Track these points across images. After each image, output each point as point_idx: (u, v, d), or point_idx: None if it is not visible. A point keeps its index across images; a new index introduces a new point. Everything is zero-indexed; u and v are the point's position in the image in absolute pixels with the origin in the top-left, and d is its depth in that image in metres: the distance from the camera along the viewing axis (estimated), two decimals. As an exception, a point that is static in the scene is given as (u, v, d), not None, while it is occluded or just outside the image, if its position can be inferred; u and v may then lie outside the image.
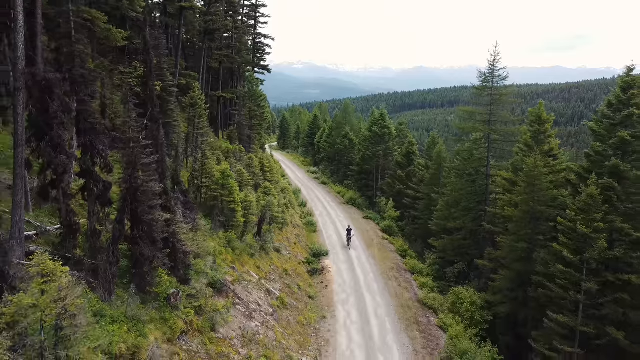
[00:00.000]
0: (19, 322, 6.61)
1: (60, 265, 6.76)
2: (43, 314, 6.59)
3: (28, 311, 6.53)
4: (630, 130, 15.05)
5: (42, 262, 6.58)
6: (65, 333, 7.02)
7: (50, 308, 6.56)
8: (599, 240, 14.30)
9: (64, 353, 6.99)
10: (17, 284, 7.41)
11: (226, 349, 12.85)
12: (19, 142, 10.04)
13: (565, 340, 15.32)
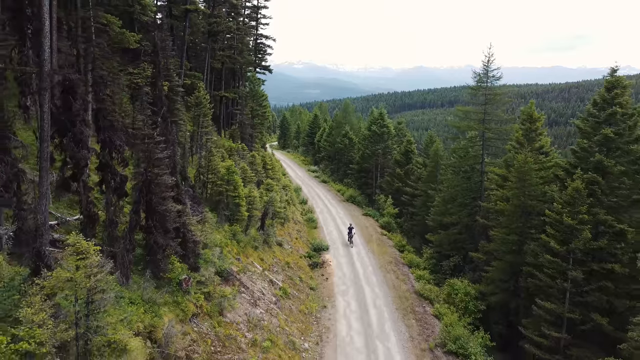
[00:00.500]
0: (56, 293, 7.51)
1: (92, 244, 7.65)
2: (78, 287, 7.48)
3: (65, 284, 7.42)
4: (613, 128, 15.94)
5: (77, 241, 7.47)
6: (95, 306, 7.91)
7: (85, 282, 7.44)
8: (583, 231, 15.18)
9: (95, 323, 7.89)
10: (51, 263, 8.29)
11: (233, 332, 13.74)
12: (45, 138, 10.91)
13: (552, 327, 16.19)
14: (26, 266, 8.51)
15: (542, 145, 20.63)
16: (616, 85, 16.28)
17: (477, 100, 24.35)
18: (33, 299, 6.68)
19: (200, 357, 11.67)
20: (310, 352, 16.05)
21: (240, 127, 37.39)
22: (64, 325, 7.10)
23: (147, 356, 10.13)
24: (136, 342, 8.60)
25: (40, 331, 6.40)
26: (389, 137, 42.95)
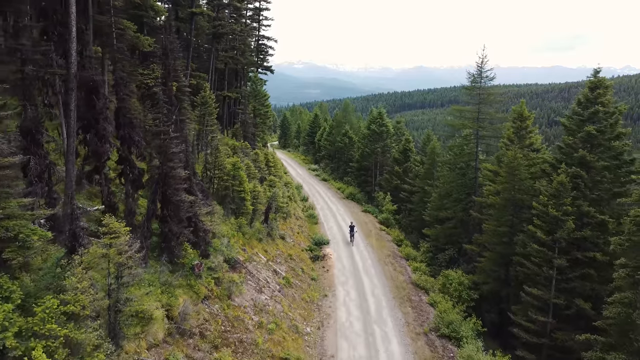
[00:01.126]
0: (92, 267, 8.59)
1: (123, 225, 8.74)
2: (111, 263, 8.57)
3: (100, 260, 8.51)
4: (596, 125, 17.02)
5: (110, 222, 8.56)
6: (124, 280, 8.99)
7: (117, 258, 8.53)
8: (567, 222, 16.26)
9: (124, 295, 8.98)
10: (85, 243, 9.37)
11: (241, 314, 14.83)
12: (71, 133, 12.01)
13: (539, 312, 17.28)
14: (62, 246, 9.57)
15: (532, 143, 21.71)
16: (599, 86, 17.37)
17: (471, 99, 25.42)
18: (76, 270, 7.75)
19: (212, 334, 12.75)
20: (312, 335, 17.13)
21: (243, 126, 38.47)
22: (101, 294, 8.18)
23: (165, 331, 11.23)
24: (160, 313, 9.70)
25: (83, 297, 7.47)
26: (388, 136, 44.03)
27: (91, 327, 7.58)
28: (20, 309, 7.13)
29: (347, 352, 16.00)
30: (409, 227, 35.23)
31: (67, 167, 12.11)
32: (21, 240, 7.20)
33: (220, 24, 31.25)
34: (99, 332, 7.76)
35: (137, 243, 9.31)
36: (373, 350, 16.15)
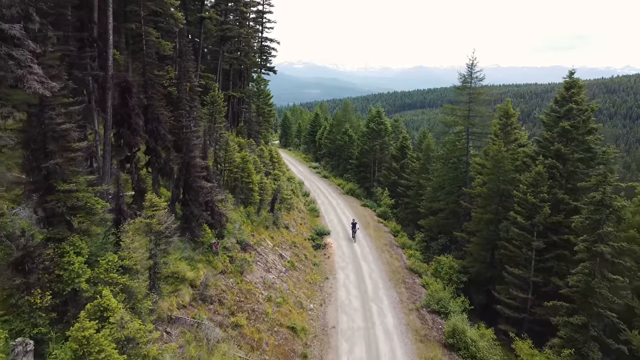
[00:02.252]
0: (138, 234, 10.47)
1: (162, 200, 10.62)
2: (152, 231, 10.45)
3: (144, 228, 10.39)
4: (570, 122, 18.89)
5: (152, 197, 10.44)
6: (162, 246, 10.89)
7: (157, 227, 10.42)
8: (544, 208, 18.14)
9: (162, 259, 10.87)
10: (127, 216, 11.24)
11: (253, 289, 16.73)
12: (108, 127, 13.94)
13: (520, 290, 19.17)
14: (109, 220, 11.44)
15: (517, 138, 23.59)
16: (573, 86, 19.26)
17: (462, 98, 27.29)
18: (127, 234, 9.63)
19: (229, 302, 14.66)
20: (315, 310, 19.02)
21: (248, 124, 40.38)
22: (146, 255, 10.07)
23: (190, 296, 13.12)
24: (191, 274, 11.58)
25: (135, 254, 9.36)
26: (386, 134, 45.89)
27: (141, 279, 9.47)
28: (87, 262, 9.01)
29: (347, 324, 17.89)
30: (405, 220, 37.09)
31: (104, 155, 14.06)
32: (88, 208, 9.07)
33: (227, 28, 33.13)
34: (147, 284, 9.65)
35: (171, 217, 11.20)
36: (370, 323, 18.04)
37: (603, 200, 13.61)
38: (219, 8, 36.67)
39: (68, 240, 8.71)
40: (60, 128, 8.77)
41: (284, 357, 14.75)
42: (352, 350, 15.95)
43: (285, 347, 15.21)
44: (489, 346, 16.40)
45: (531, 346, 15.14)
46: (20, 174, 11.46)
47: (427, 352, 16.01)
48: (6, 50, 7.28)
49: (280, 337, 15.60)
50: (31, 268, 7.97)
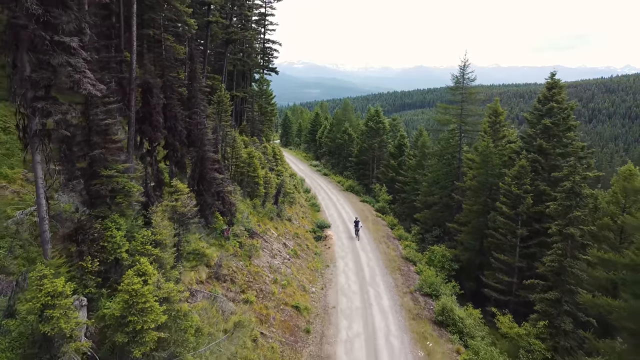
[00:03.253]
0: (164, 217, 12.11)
1: (186, 186, 12.25)
2: (176, 212, 12.09)
3: (170, 209, 12.02)
4: (552, 119, 20.51)
5: (176, 183, 12.08)
6: (185, 227, 12.52)
7: (181, 209, 12.05)
8: (527, 199, 19.75)
9: (185, 238, 12.50)
10: (154, 201, 12.88)
11: (260, 271, 18.36)
12: (132, 123, 15.57)
13: (506, 274, 20.79)
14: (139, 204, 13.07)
15: (505, 135, 25.21)
16: (554, 86, 20.87)
17: (455, 98, 28.92)
18: (157, 214, 11.26)
19: (240, 281, 16.30)
20: (316, 293, 20.65)
21: (251, 123, 42.02)
22: (172, 232, 11.70)
23: (206, 274, 14.76)
24: (210, 251, 13.20)
25: (165, 231, 10.99)
26: (384, 132, 47.52)
27: (169, 253, 11.10)
28: (125, 237, 10.64)
29: (346, 304, 19.52)
30: (402, 214, 38.71)
31: (128, 149, 15.67)
32: (126, 191, 10.70)
33: (233, 31, 34.75)
34: (174, 257, 11.28)
35: (193, 201, 12.84)
36: (367, 304, 19.67)
37: (573, 189, 15.22)
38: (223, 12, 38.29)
39: (110, 218, 10.35)
40: (103, 123, 10.42)
41: (289, 331, 16.38)
42: (351, 326, 17.58)
43: (290, 323, 16.85)
44: (475, 323, 18.05)
45: (511, 320, 16.75)
46: (56, 165, 13.16)
47: (419, 328, 17.64)
48: (65, 59, 8.91)
49: (286, 314, 17.24)
50: (83, 239, 9.61)
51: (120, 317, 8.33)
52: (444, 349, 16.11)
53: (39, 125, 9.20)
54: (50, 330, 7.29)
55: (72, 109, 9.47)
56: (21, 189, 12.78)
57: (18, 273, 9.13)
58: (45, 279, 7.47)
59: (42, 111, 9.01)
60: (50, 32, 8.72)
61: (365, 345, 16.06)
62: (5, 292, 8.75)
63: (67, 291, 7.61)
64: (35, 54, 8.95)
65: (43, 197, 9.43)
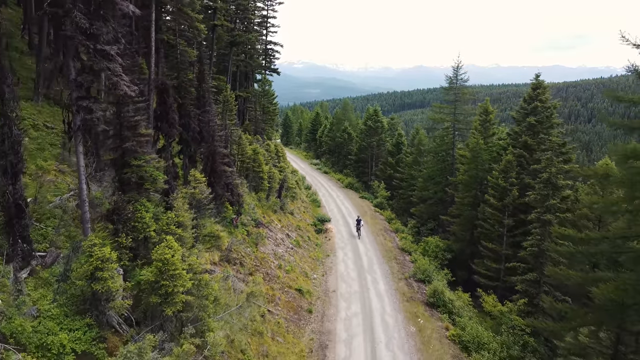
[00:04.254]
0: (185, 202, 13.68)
1: (202, 176, 13.81)
2: (195, 199, 13.66)
3: (189, 196, 13.58)
4: (536, 117, 22.08)
5: (195, 173, 13.65)
6: (202, 212, 14.09)
7: (199, 196, 13.62)
8: (513, 191, 21.31)
9: (202, 222, 14.07)
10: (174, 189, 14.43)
11: (266, 257, 19.95)
12: (150, 121, 17.12)
13: (494, 262, 22.36)
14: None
15: (495, 132, 26.78)
16: (539, 86, 22.46)
17: (449, 98, 30.50)
18: (178, 199, 12.83)
19: (248, 265, 17.88)
20: (318, 279, 22.23)
21: (254, 122, 43.59)
22: (191, 216, 13.28)
23: (219, 257, 16.33)
24: (223, 234, 14.78)
25: (185, 214, 12.57)
26: (383, 131, 49.11)
27: (189, 233, 12.67)
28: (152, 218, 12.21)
29: (345, 289, 21.10)
30: (400, 210, 40.28)
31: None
32: (152, 178, 12.27)
33: (237, 34, 36.34)
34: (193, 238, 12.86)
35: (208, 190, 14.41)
36: (365, 288, 21.24)
37: (549, 179, 16.76)
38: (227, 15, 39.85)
39: (139, 201, 11.93)
40: (133, 119, 12.00)
41: (293, 310, 17.96)
42: (350, 307, 19.15)
43: (294, 303, 18.42)
44: (464, 305, 19.65)
45: (495, 300, 18.32)
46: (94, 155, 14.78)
47: (412, 308, 19.21)
48: (105, 64, 10.49)
49: (290, 296, 18.81)
50: (118, 218, 11.18)
51: (154, 282, 9.90)
52: (434, 326, 17.69)
53: (82, 120, 10.77)
54: (100, 288, 8.86)
55: (109, 107, 11.05)
56: (55, 178, 14.39)
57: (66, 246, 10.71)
58: (95, 247, 9.05)
59: (85, 109, 10.58)
60: (93, 42, 10.29)
61: (363, 323, 17.63)
62: (55, 261, 10.32)
63: (113, 257, 9.19)
64: (80, 60, 10.54)
65: (84, 182, 11.02)
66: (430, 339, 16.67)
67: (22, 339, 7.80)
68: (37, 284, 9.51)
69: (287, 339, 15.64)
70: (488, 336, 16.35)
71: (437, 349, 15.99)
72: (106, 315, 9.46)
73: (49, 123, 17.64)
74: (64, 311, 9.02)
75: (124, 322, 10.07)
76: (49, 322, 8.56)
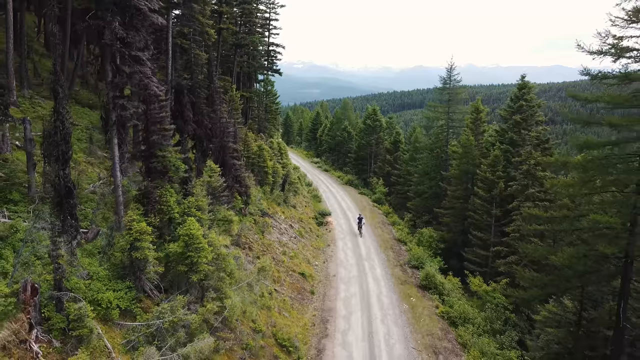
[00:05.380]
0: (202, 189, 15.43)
1: (217, 166, 15.55)
2: (211, 186, 15.39)
3: (207, 183, 15.33)
4: (521, 115, 23.81)
5: (211, 164, 15.38)
6: (217, 199, 15.82)
7: (215, 184, 15.35)
8: (499, 183, 23.04)
9: (217, 208, 15.81)
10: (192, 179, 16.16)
11: (272, 244, 21.69)
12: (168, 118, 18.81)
13: (482, 249, 24.08)
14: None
15: (485, 130, 28.53)
16: (524, 87, 24.19)
17: (443, 97, 32.23)
18: (196, 187, 14.56)
19: (256, 249, 19.63)
20: (319, 266, 23.96)
21: (258, 120, 45.32)
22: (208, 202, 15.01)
23: (229, 241, 18.05)
24: (236, 218, 16.51)
25: (203, 199, 14.30)
26: (381, 130, 50.85)
27: (207, 216, 14.41)
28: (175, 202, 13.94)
29: (345, 274, 22.83)
30: (397, 205, 42.00)
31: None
32: (175, 167, 14.00)
33: (242, 37, 38.07)
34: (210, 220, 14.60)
35: (222, 179, 16.15)
36: (362, 273, 22.98)
37: (529, 170, 18.47)
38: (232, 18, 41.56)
39: (165, 187, 13.67)
40: (159, 116, 13.74)
41: (297, 291, 19.70)
42: (349, 289, 20.89)
43: (297, 285, 20.17)
44: (454, 288, 21.37)
45: (481, 281, 20.06)
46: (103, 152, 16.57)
47: (406, 290, 20.95)
48: (138, 68, 12.22)
49: (294, 278, 20.56)
50: (148, 201, 12.92)
51: (181, 253, 11.65)
52: (425, 304, 19.44)
53: (117, 117, 12.50)
54: (139, 256, 10.60)
55: (139, 105, 12.79)
56: (85, 169, 16.13)
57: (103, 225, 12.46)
58: (134, 222, 10.78)
59: (121, 107, 12.31)
60: (128, 49, 12.03)
61: (360, 302, 19.37)
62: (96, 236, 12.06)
63: (149, 231, 10.93)
64: (116, 64, 12.27)
65: (118, 170, 12.75)
66: (421, 315, 18.42)
67: (79, 294, 9.52)
68: (83, 254, 11.24)
69: (292, 314, 17.39)
70: (473, 312, 18.09)
71: (427, 323, 17.73)
72: (141, 281, 11.21)
73: (73, 120, 19.40)
74: (108, 275, 10.76)
75: (154, 289, 11.83)
76: (98, 283, 10.30)
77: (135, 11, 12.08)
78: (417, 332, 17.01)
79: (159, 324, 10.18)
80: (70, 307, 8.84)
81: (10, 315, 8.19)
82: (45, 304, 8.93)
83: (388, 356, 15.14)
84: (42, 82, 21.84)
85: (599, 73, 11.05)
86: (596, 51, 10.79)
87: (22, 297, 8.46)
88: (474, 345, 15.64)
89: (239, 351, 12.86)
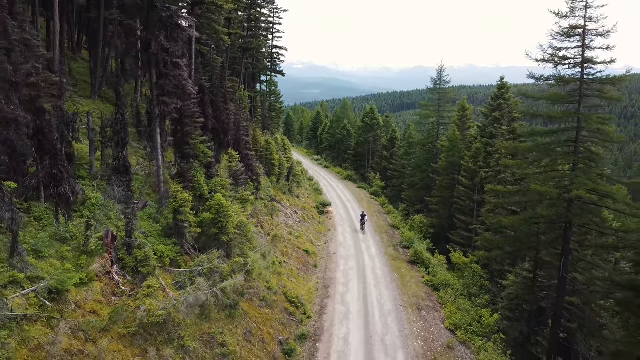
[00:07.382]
0: (226, 172, 18.48)
1: (237, 153, 18.59)
2: (231, 171, 18.45)
3: (228, 168, 18.38)
4: (500, 112, 26.86)
5: (231, 152, 18.43)
6: (237, 181, 18.87)
7: (235, 169, 18.39)
8: (480, 173, 26.08)
9: (238, 189, 18.85)
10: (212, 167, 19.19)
11: (279, 225, 24.72)
12: (191, 114, 21.87)
13: (466, 231, 27.12)
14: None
15: (470, 126, 31.58)
16: (503, 87, 27.25)
17: (434, 97, 35.27)
18: (220, 170, 17.60)
19: (266, 227, 22.67)
20: (321, 246, 27.01)
21: (262, 119, 48.38)
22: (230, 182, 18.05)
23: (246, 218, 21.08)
24: (252, 197, 19.56)
25: (226, 180, 17.34)
26: (378, 127, 53.89)
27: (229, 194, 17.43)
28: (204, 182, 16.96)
29: (344, 252, 25.87)
30: (393, 198, 45.03)
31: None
32: (203, 153, 17.03)
33: (249, 41, 41.14)
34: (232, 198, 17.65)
35: (241, 164, 19.21)
36: (359, 252, 26.02)
37: (500, 159, 21.49)
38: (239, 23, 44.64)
39: (196, 169, 16.71)
40: (191, 111, 16.79)
41: (302, 264, 22.75)
42: (347, 263, 23.93)
43: (302, 259, 23.21)
44: (439, 263, 24.40)
45: (461, 255, 23.12)
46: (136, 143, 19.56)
47: (397, 265, 24.01)
48: (177, 72, 15.26)
49: (299, 254, 23.60)
50: (183, 180, 15.97)
51: (213, 218, 14.69)
52: (412, 275, 22.50)
53: (160, 111, 15.55)
54: (183, 218, 13.64)
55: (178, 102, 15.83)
56: (125, 156, 19.08)
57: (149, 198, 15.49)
58: (178, 193, 13.83)
59: (163, 103, 15.36)
60: (169, 56, 15.08)
61: (357, 273, 22.41)
62: (145, 206, 15.08)
63: (189, 199, 13.97)
64: (159, 69, 15.32)
65: (160, 154, 15.80)
66: (409, 282, 21.47)
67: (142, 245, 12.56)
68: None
69: (299, 281, 20.44)
70: (454, 280, 21.15)
71: (414, 288, 20.79)
72: (184, 238, 14.25)
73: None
74: (159, 233, 13.81)
75: (192, 248, 14.87)
76: (152, 239, 13.34)
77: (175, 27, 15.15)
78: (405, 294, 20.07)
79: (200, 270, 13.22)
80: (138, 252, 11.88)
81: (99, 253, 11.25)
82: (119, 249, 11.97)
83: (380, 311, 18.18)
84: (75, 83, 24.91)
85: (542, 76, 14.06)
86: (540, 59, 13.81)
87: (105, 242, 11.51)
88: (452, 303, 18.69)
89: (257, 301, 15.91)
